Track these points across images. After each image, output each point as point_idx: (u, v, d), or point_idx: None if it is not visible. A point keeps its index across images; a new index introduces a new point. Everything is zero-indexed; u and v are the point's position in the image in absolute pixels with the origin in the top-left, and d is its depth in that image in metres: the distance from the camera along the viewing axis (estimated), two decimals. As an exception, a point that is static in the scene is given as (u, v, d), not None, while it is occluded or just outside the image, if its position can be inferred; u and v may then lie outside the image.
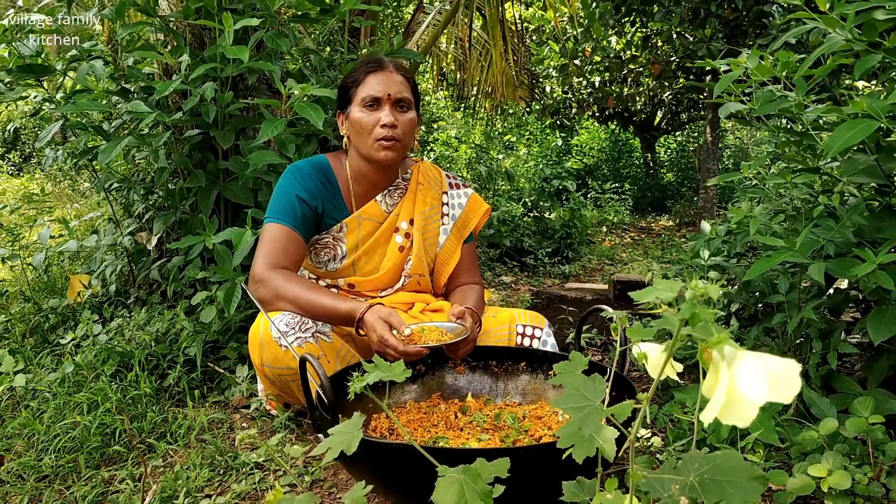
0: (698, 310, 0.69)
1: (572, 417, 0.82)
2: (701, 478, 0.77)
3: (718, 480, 0.77)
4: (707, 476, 0.77)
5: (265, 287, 1.76)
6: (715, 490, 0.76)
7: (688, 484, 0.78)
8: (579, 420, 0.81)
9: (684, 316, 0.69)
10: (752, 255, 2.19)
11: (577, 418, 0.81)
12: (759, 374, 0.66)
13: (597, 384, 0.84)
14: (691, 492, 0.77)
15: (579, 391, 0.84)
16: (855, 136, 1.39)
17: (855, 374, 2.04)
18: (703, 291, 0.70)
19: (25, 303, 2.76)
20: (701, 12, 5.70)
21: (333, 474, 1.62)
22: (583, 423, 0.81)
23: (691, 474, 0.78)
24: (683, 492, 0.78)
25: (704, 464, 0.79)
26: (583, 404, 0.83)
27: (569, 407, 0.83)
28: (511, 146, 8.45)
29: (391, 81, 1.85)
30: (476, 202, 2.09)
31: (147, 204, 2.69)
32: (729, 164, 10.42)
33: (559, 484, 0.96)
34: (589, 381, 0.85)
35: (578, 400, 0.84)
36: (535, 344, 1.92)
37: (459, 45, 7.13)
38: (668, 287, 0.72)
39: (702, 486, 0.77)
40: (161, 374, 2.15)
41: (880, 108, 1.42)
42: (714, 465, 0.78)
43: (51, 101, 2.51)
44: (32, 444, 1.74)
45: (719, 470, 0.78)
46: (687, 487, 0.78)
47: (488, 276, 4.35)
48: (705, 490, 0.76)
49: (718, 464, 0.78)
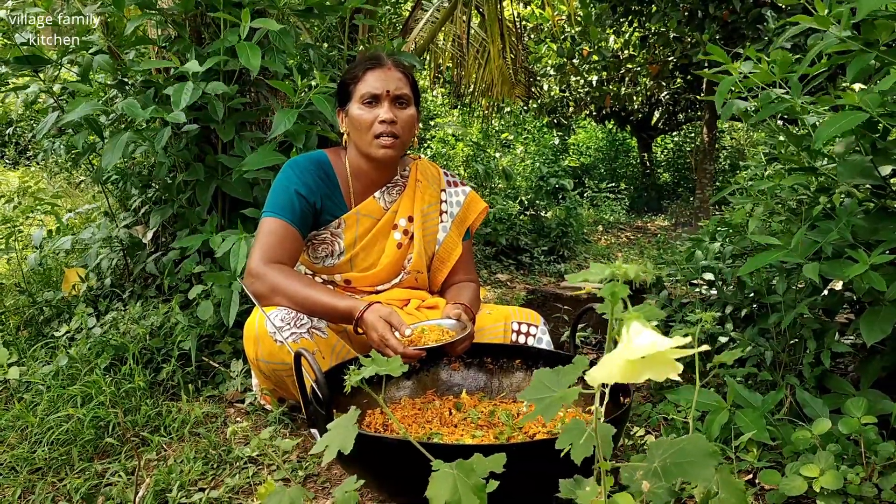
0: (617, 288, 0.74)
1: (535, 407, 0.85)
2: (664, 462, 0.81)
3: (679, 463, 0.80)
4: (669, 460, 0.81)
5: (261, 282, 1.76)
6: (676, 472, 0.79)
7: (651, 469, 0.81)
8: (540, 409, 0.84)
9: (604, 293, 0.75)
10: (747, 257, 2.20)
11: (538, 408, 0.85)
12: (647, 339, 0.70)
13: (561, 377, 0.86)
14: (654, 476, 0.80)
15: (543, 384, 0.87)
16: (844, 127, 1.39)
17: (848, 375, 2.05)
18: (623, 271, 0.75)
19: (20, 295, 2.75)
20: (698, 14, 5.71)
21: (327, 469, 1.62)
22: (543, 412, 0.84)
23: (656, 460, 0.81)
24: (646, 476, 0.81)
25: (669, 448, 0.82)
26: (544, 395, 0.86)
27: (532, 398, 0.87)
28: (508, 144, 8.46)
29: (390, 78, 1.84)
30: (474, 200, 2.09)
31: (144, 197, 2.68)
32: (725, 165, 10.44)
33: (553, 481, 0.96)
34: (553, 374, 0.87)
35: (541, 391, 0.86)
36: (530, 341, 1.92)
37: (457, 42, 7.13)
38: (598, 270, 0.77)
39: (664, 470, 0.80)
40: (155, 368, 2.15)
41: (871, 100, 1.42)
42: (677, 450, 0.81)
43: (47, 93, 2.50)
44: (26, 437, 1.74)
45: (681, 453, 0.81)
46: (650, 473, 0.81)
47: (484, 274, 4.35)
48: (667, 473, 0.80)
49: (682, 447, 0.81)
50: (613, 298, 0.74)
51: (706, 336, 2.10)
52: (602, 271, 0.76)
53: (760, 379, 1.83)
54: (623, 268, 0.75)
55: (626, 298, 0.75)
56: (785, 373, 1.80)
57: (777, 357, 1.83)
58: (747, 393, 1.58)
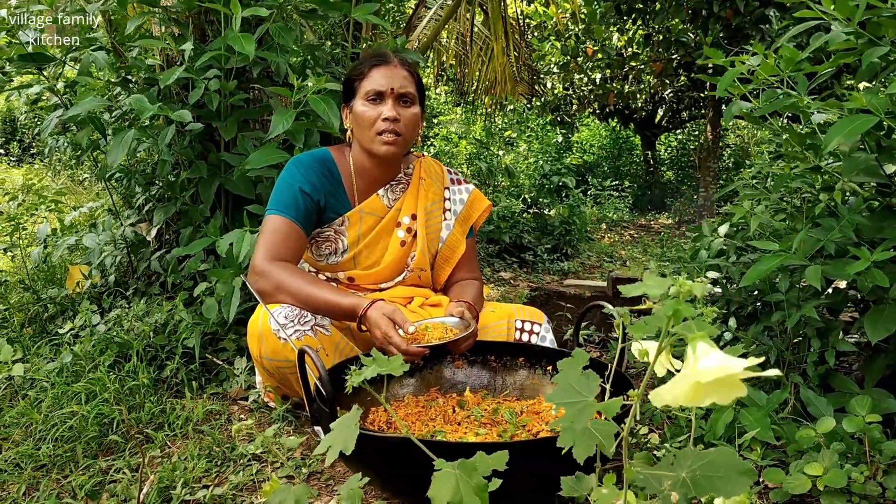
0: (681, 306, 0.71)
1: (566, 412, 0.83)
2: (693, 474, 0.78)
3: (710, 476, 0.78)
4: (699, 472, 0.78)
5: (265, 279, 1.76)
6: (706, 485, 0.77)
7: (679, 480, 0.79)
8: (572, 415, 0.82)
9: (668, 312, 0.71)
10: (751, 252, 2.19)
11: (570, 413, 0.82)
12: (716, 360, 0.68)
13: (591, 380, 0.85)
14: (682, 487, 0.78)
15: (573, 387, 0.85)
16: (853, 131, 1.39)
17: (852, 374, 2.05)
18: (687, 289, 0.72)
19: (25, 292, 2.76)
20: (702, 13, 5.69)
21: (331, 466, 1.62)
22: (575, 417, 0.82)
23: (684, 471, 0.79)
24: (675, 487, 0.79)
25: (698, 460, 0.80)
26: (576, 399, 0.84)
27: (562, 402, 0.84)
28: (511, 142, 8.45)
29: (395, 76, 1.84)
30: (477, 198, 2.09)
31: (148, 195, 2.69)
32: (729, 164, 10.42)
33: (556, 479, 0.96)
34: (583, 377, 0.86)
35: (572, 395, 0.84)
36: (533, 339, 1.92)
37: (461, 40, 7.11)
38: (658, 284, 0.74)
39: (693, 482, 0.78)
40: (159, 365, 2.15)
41: (879, 103, 1.42)
42: (707, 462, 0.79)
43: (51, 90, 2.50)
44: (30, 434, 1.75)
45: (711, 466, 0.78)
46: (679, 483, 0.79)
47: (487, 272, 4.35)
48: (697, 486, 0.77)
49: (711, 460, 0.79)
50: (676, 317, 0.71)
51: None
52: (662, 285, 0.74)
53: (764, 377, 1.82)
54: (687, 284, 0.72)
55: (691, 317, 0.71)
56: (789, 371, 1.80)
57: (781, 355, 1.82)
58: (751, 391, 1.58)
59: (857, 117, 1.40)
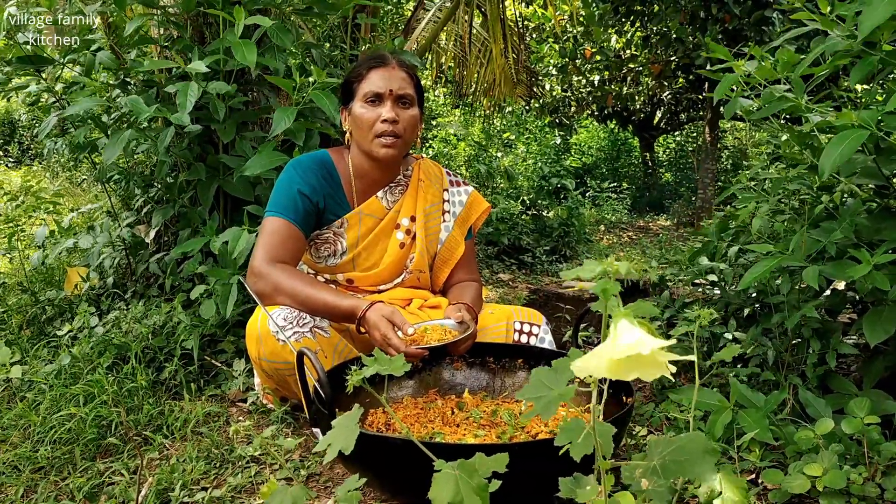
0: (609, 286, 0.74)
1: (534, 406, 0.85)
2: (663, 460, 0.81)
3: (678, 461, 0.80)
4: (668, 458, 0.81)
5: (264, 281, 1.76)
6: (675, 469, 0.79)
7: (650, 468, 0.81)
8: (538, 409, 0.84)
9: (596, 291, 0.75)
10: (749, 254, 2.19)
11: (537, 406, 0.84)
12: (633, 338, 0.70)
13: (559, 374, 0.86)
14: (653, 474, 0.80)
15: (542, 382, 0.87)
16: (847, 150, 1.38)
17: (851, 375, 2.05)
18: (615, 269, 0.75)
19: (23, 294, 2.75)
20: (700, 15, 5.70)
21: (330, 468, 1.62)
22: (542, 411, 0.84)
23: (656, 458, 0.81)
24: (646, 475, 0.81)
25: (668, 447, 0.82)
26: (542, 394, 0.85)
27: (530, 397, 0.86)
28: (510, 144, 8.46)
29: (393, 77, 1.84)
30: (476, 200, 2.09)
31: (146, 197, 2.69)
32: (727, 165, 10.43)
33: (554, 480, 0.96)
34: (551, 372, 0.87)
35: (540, 390, 0.86)
36: (532, 341, 1.92)
37: (459, 42, 7.12)
38: (591, 267, 0.77)
39: (663, 468, 0.80)
40: (158, 367, 2.15)
41: (869, 117, 1.42)
42: (676, 447, 0.81)
43: (49, 91, 2.50)
44: (28, 436, 1.74)
45: (681, 451, 0.80)
46: (650, 471, 0.81)
47: (486, 273, 4.35)
48: (666, 471, 0.80)
49: (680, 445, 0.81)
50: (605, 296, 0.74)
51: (710, 335, 2.10)
52: (594, 268, 0.76)
53: (763, 379, 1.82)
54: (615, 265, 0.75)
55: (619, 296, 0.75)
56: (788, 373, 1.80)
57: (780, 357, 1.83)
58: (750, 393, 1.58)
59: (850, 132, 1.40)
